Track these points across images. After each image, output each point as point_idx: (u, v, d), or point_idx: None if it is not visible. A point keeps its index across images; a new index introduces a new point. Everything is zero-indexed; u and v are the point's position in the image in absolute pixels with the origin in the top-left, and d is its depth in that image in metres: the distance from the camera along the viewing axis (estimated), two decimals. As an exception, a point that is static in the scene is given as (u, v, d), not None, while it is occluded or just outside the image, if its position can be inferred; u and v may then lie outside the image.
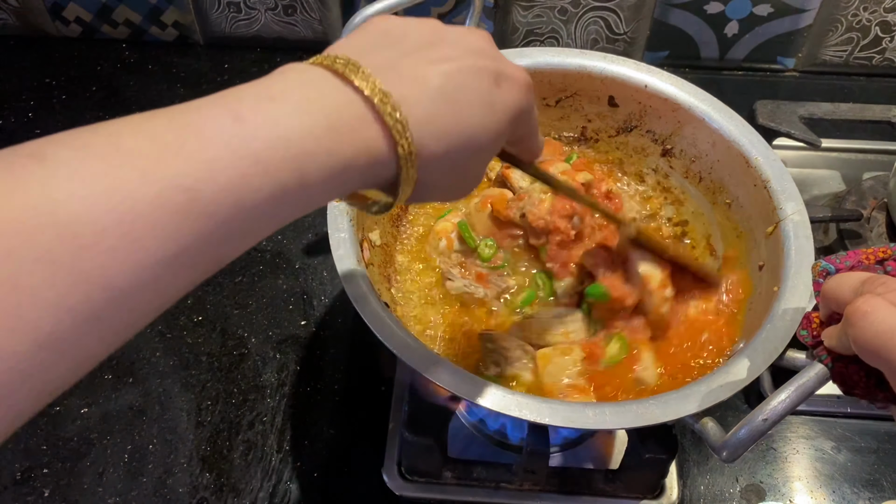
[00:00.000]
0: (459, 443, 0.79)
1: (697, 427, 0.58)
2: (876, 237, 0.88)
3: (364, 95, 0.41)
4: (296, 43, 1.17)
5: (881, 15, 1.08)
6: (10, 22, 1.17)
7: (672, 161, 0.83)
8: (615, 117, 0.83)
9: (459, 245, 0.76)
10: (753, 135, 0.76)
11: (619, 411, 0.58)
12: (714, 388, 0.59)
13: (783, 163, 0.74)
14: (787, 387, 0.52)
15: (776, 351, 0.61)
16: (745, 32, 1.11)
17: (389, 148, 0.41)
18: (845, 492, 0.78)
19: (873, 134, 1.05)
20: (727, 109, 0.77)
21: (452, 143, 0.44)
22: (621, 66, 0.80)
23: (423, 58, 0.44)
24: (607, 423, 0.58)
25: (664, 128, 0.81)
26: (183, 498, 0.77)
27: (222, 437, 0.81)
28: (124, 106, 1.10)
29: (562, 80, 0.82)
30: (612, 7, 1.08)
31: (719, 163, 0.78)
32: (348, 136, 0.40)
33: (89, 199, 0.32)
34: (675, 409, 0.58)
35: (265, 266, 0.94)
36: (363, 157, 0.41)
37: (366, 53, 0.43)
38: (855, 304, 0.45)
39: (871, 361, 0.45)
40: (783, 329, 0.62)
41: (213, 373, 0.85)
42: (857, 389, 0.49)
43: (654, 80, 0.79)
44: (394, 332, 0.60)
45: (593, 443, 0.80)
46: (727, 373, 0.60)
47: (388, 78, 0.42)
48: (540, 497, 0.75)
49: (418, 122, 0.42)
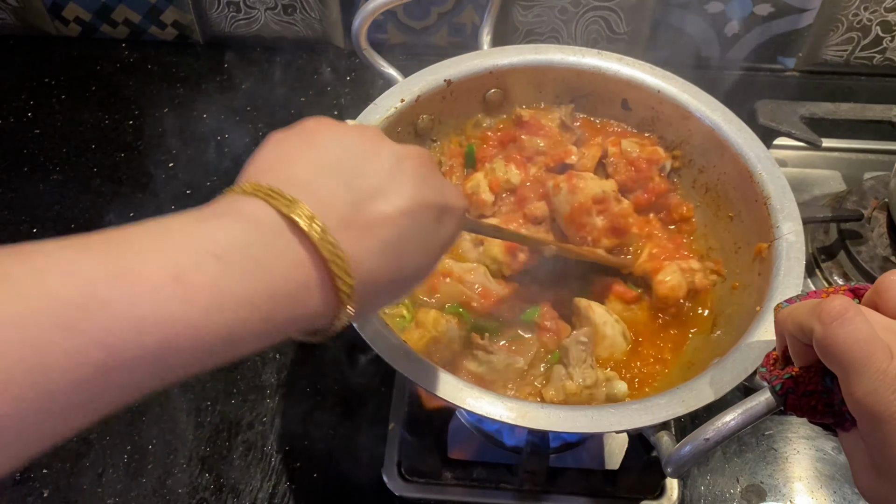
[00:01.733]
0: (459, 443, 0.79)
1: (653, 439, 0.58)
2: (876, 237, 0.88)
3: (319, 256, 0.39)
4: (296, 42, 1.17)
5: (882, 15, 1.08)
6: (10, 22, 1.17)
7: (681, 170, 0.82)
8: (628, 121, 0.83)
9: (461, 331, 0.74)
10: (761, 150, 0.75)
11: (573, 416, 0.58)
12: (674, 403, 0.58)
13: (784, 178, 0.73)
14: (735, 409, 0.51)
15: (745, 371, 0.59)
16: (746, 32, 1.11)
17: (333, 308, 0.41)
18: (846, 492, 0.78)
19: (874, 134, 1.05)
20: (737, 121, 0.76)
21: (392, 289, 0.45)
22: (636, 69, 0.80)
23: (374, 205, 0.42)
24: (561, 426, 0.57)
25: (675, 135, 0.81)
26: (183, 498, 0.76)
27: (222, 438, 0.81)
28: (124, 105, 1.10)
29: (576, 79, 0.81)
30: (613, 7, 1.08)
31: (726, 175, 0.77)
32: (289, 303, 0.39)
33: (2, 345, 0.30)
34: (631, 419, 0.58)
35: (265, 266, 0.94)
36: (302, 319, 0.40)
37: (313, 187, 0.41)
38: (831, 303, 0.43)
39: (834, 365, 0.43)
40: (757, 349, 0.61)
41: (212, 373, 0.85)
42: (809, 417, 0.48)
43: (667, 86, 0.79)
44: (406, 353, 0.60)
45: (593, 443, 0.80)
46: (691, 389, 0.59)
47: (341, 233, 0.40)
48: (540, 497, 0.75)
49: (363, 280, 0.41)
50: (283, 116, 1.10)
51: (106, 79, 1.14)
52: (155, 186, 1.01)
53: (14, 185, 1.02)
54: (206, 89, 1.13)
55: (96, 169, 1.03)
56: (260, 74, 1.16)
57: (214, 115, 1.10)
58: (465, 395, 0.58)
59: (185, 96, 1.12)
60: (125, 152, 1.05)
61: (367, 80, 1.15)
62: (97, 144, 1.06)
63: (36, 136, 1.07)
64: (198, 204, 0.40)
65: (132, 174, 1.03)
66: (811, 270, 0.90)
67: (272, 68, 1.16)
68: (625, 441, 0.78)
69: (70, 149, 1.06)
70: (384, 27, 1.14)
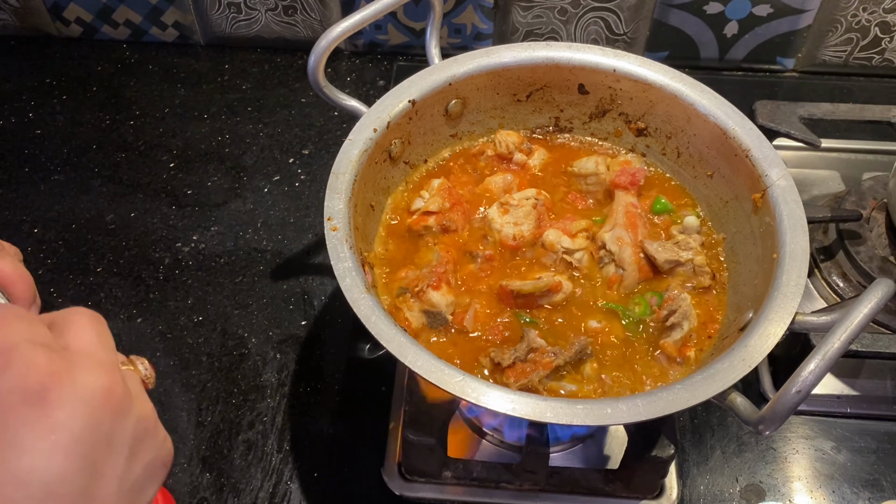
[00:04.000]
0: (459, 443, 0.79)
1: (726, 404, 0.59)
2: (875, 237, 0.88)
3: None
4: (296, 43, 1.17)
5: (881, 15, 1.08)
6: (11, 22, 1.17)
7: (648, 140, 0.84)
8: (587, 104, 0.84)
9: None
10: (728, 106, 0.77)
11: (650, 401, 0.58)
12: (735, 364, 0.59)
13: (757, 128, 0.76)
14: (813, 357, 0.53)
15: (789, 314, 0.62)
16: (745, 33, 1.11)
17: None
18: (845, 492, 0.78)
19: (873, 134, 1.05)
20: (699, 84, 0.78)
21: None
22: (587, 53, 0.81)
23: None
24: (639, 415, 0.58)
25: (636, 109, 0.83)
26: (183, 498, 0.77)
27: (222, 437, 0.81)
28: (125, 106, 1.10)
29: (530, 74, 0.82)
30: (612, 7, 1.09)
31: (696, 136, 0.79)
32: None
33: None
34: (704, 389, 0.58)
35: (265, 266, 0.94)
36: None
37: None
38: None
39: None
40: (791, 293, 0.63)
41: (213, 373, 0.85)
42: None
43: (622, 64, 0.80)
44: (425, 358, 0.60)
45: (593, 443, 0.80)
46: (745, 346, 0.61)
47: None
48: (540, 497, 0.75)
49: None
50: (283, 117, 1.10)
51: (107, 79, 1.14)
52: (156, 187, 1.01)
53: (15, 186, 1.02)
54: (206, 90, 1.14)
55: (97, 169, 1.04)
56: (260, 75, 1.16)
57: (215, 116, 1.10)
58: (477, 390, 0.58)
59: (186, 97, 1.13)
60: (126, 153, 1.05)
61: (367, 80, 1.15)
62: (98, 145, 1.06)
63: (37, 137, 1.07)
64: (198, 204, 0.41)
65: (133, 175, 1.03)
66: (810, 271, 0.91)
67: (273, 69, 1.17)
68: (624, 440, 0.78)
69: (71, 149, 1.06)
70: (384, 28, 1.15)
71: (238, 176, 1.03)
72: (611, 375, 0.69)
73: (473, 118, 0.85)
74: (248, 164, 1.05)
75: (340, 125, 1.09)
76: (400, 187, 0.82)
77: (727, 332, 0.70)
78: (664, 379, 0.69)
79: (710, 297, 0.74)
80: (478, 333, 0.71)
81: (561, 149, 0.86)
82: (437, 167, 0.84)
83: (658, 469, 0.73)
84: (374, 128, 0.75)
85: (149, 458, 0.45)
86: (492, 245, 0.77)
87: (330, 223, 0.67)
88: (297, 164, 1.05)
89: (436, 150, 0.84)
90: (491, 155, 0.84)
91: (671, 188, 0.83)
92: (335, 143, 1.06)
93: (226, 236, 0.96)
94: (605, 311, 0.73)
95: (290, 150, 1.07)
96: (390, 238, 0.78)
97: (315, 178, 1.03)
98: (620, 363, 0.70)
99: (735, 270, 0.75)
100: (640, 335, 0.72)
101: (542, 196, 0.80)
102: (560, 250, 0.75)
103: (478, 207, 0.80)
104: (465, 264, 0.76)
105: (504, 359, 0.67)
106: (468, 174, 0.84)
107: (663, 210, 0.79)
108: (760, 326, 0.62)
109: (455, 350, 0.71)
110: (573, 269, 0.76)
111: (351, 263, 0.65)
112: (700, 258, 0.74)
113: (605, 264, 0.75)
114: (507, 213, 0.78)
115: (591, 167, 0.81)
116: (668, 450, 0.68)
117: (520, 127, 0.87)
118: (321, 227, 0.83)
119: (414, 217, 0.78)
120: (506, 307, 0.73)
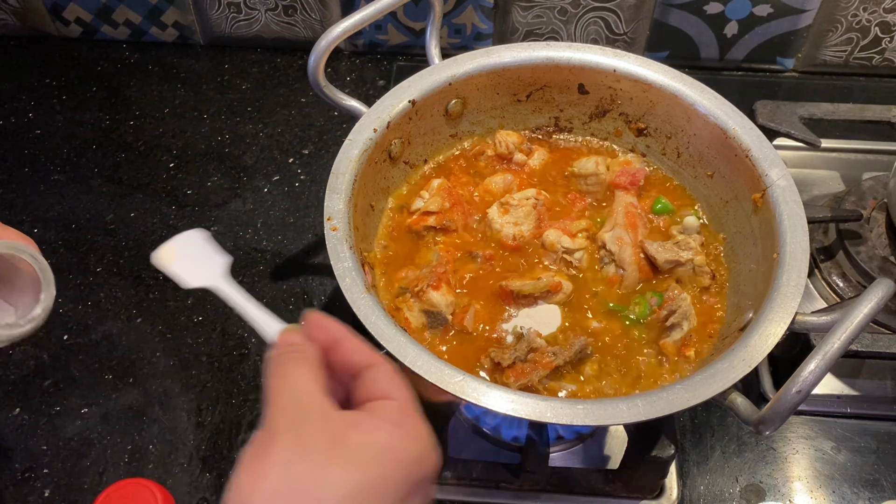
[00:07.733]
0: (459, 443, 0.79)
1: (726, 404, 0.59)
2: (875, 237, 0.88)
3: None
4: (296, 43, 1.17)
5: (881, 15, 1.08)
6: (11, 22, 1.17)
7: (648, 140, 0.84)
8: (587, 104, 0.84)
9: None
10: (728, 106, 0.77)
11: (650, 401, 0.58)
12: (735, 364, 0.59)
13: (757, 128, 0.76)
14: (813, 357, 0.53)
15: (789, 314, 0.62)
16: (745, 33, 1.11)
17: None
18: (845, 492, 0.78)
19: (873, 134, 1.05)
20: (699, 84, 0.79)
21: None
22: (587, 53, 0.81)
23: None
24: (639, 415, 0.58)
25: (636, 109, 0.83)
26: (183, 498, 0.77)
27: (222, 437, 0.81)
28: (124, 106, 1.10)
29: (530, 74, 0.82)
30: (612, 7, 1.09)
31: (696, 136, 0.79)
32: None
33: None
34: (704, 389, 0.58)
35: (265, 266, 0.94)
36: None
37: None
38: None
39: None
40: (791, 293, 0.63)
41: (213, 373, 0.85)
42: None
43: (622, 64, 0.80)
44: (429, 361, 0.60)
45: (593, 443, 0.80)
46: (745, 346, 0.61)
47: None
48: (540, 497, 0.75)
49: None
50: (283, 117, 1.10)
51: (107, 79, 1.14)
52: (155, 187, 1.01)
53: (15, 186, 1.02)
54: (206, 90, 1.14)
55: (97, 169, 1.04)
56: (260, 75, 1.16)
57: (215, 116, 1.10)
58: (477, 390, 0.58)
59: (186, 97, 1.13)
60: (126, 153, 1.05)
61: (367, 80, 1.15)
62: (98, 145, 1.06)
63: (37, 137, 1.07)
64: (198, 204, 0.41)
65: (133, 175, 1.03)
66: (810, 271, 0.91)
67: (272, 69, 1.17)
68: (624, 440, 0.78)
69: (71, 149, 1.06)
70: (384, 28, 1.14)
71: (238, 176, 1.03)
72: (611, 375, 0.69)
73: (473, 118, 0.85)
74: (247, 164, 1.05)
75: (340, 125, 1.09)
76: (400, 187, 0.82)
77: (727, 332, 0.70)
78: (664, 379, 0.69)
79: (710, 297, 0.74)
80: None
81: (561, 149, 0.87)
82: (437, 167, 0.84)
83: (658, 469, 0.73)
84: (374, 128, 0.75)
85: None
86: (491, 244, 0.77)
87: (330, 223, 0.67)
88: (296, 164, 1.05)
89: (436, 150, 0.84)
90: (491, 155, 0.84)
91: (671, 188, 0.83)
92: (335, 143, 1.06)
93: (226, 236, 0.96)
94: (605, 312, 0.73)
95: (290, 150, 1.07)
96: (390, 238, 0.78)
97: (315, 179, 1.03)
98: (620, 363, 0.70)
99: (735, 270, 0.75)
100: (641, 335, 0.72)
101: (542, 196, 0.80)
102: (560, 250, 0.76)
103: (478, 207, 0.80)
104: (465, 264, 0.76)
105: (504, 359, 0.67)
106: (468, 174, 0.84)
107: (663, 210, 0.79)
108: (760, 326, 0.62)
109: (455, 350, 0.71)
110: (573, 268, 0.76)
111: (351, 263, 0.65)
112: (700, 258, 0.74)
113: (605, 264, 0.75)
114: (507, 213, 0.78)
115: (591, 167, 0.81)
116: (668, 450, 0.68)
117: (520, 127, 0.87)
118: (321, 227, 0.83)
119: (414, 217, 0.78)
120: (506, 307, 0.73)
